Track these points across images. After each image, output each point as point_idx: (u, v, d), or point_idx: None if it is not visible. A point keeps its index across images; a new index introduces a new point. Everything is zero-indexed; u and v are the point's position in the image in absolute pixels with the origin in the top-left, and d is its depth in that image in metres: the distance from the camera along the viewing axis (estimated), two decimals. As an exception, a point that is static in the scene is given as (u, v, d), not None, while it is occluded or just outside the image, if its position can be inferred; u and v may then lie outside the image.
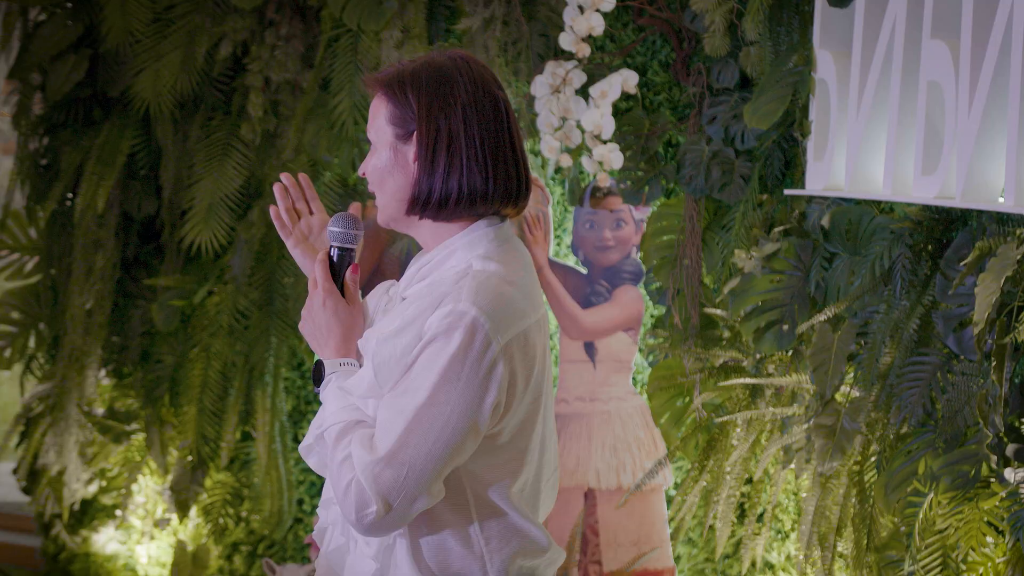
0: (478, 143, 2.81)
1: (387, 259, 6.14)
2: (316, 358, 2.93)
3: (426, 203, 2.82)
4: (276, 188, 3.08)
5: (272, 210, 3.06)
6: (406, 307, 2.80)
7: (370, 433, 2.73)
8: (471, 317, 2.70)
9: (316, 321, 2.88)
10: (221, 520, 6.51)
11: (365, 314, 2.94)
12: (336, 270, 2.95)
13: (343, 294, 2.94)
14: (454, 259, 2.83)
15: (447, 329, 2.69)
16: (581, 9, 5.37)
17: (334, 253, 2.96)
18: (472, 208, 2.83)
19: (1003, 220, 3.91)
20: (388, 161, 2.84)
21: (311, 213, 3.12)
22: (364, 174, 2.90)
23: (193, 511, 6.56)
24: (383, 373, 2.74)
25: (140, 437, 6.64)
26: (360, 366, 2.87)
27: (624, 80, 5.35)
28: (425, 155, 2.81)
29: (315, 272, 2.91)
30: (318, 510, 3.02)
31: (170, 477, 6.54)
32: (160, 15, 6.35)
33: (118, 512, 6.70)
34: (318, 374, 2.87)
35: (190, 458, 6.46)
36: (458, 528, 2.80)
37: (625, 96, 5.46)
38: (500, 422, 2.77)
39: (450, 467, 2.73)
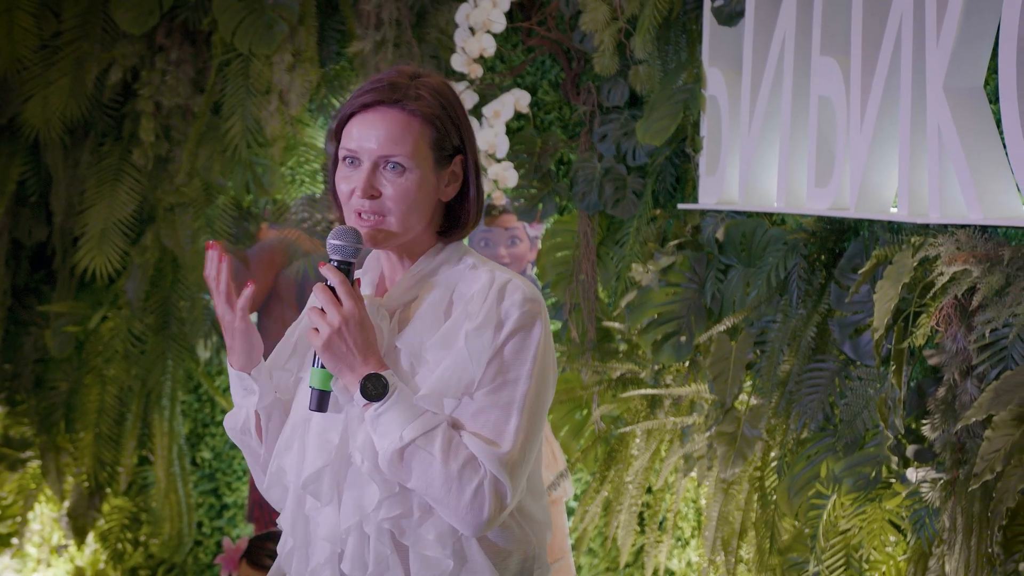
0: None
1: (283, 280, 6.17)
2: (331, 378, 2.83)
3: (476, 221, 2.94)
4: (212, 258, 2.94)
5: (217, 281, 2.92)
6: (438, 306, 2.86)
7: (470, 433, 2.77)
8: (540, 304, 2.83)
9: (354, 340, 2.78)
10: (119, 545, 6.49)
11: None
12: None
13: None
14: (447, 264, 2.92)
15: (531, 317, 2.80)
16: (472, 31, 5.46)
17: (336, 267, 2.83)
18: None
19: (895, 229, 4.04)
20: (428, 183, 2.86)
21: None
22: (375, 195, 2.84)
23: (91, 537, 6.53)
24: (476, 363, 2.79)
25: (35, 464, 6.61)
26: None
27: (516, 100, 5.45)
28: (474, 178, 2.92)
29: (338, 291, 2.80)
30: (322, 540, 2.89)
31: (67, 504, 6.51)
32: (48, 42, 6.33)
33: (14, 540, 6.65)
34: (367, 391, 2.77)
35: (87, 484, 6.44)
36: (512, 511, 2.88)
37: (517, 115, 5.55)
38: None
39: None
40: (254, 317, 6.31)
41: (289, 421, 2.96)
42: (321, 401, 2.84)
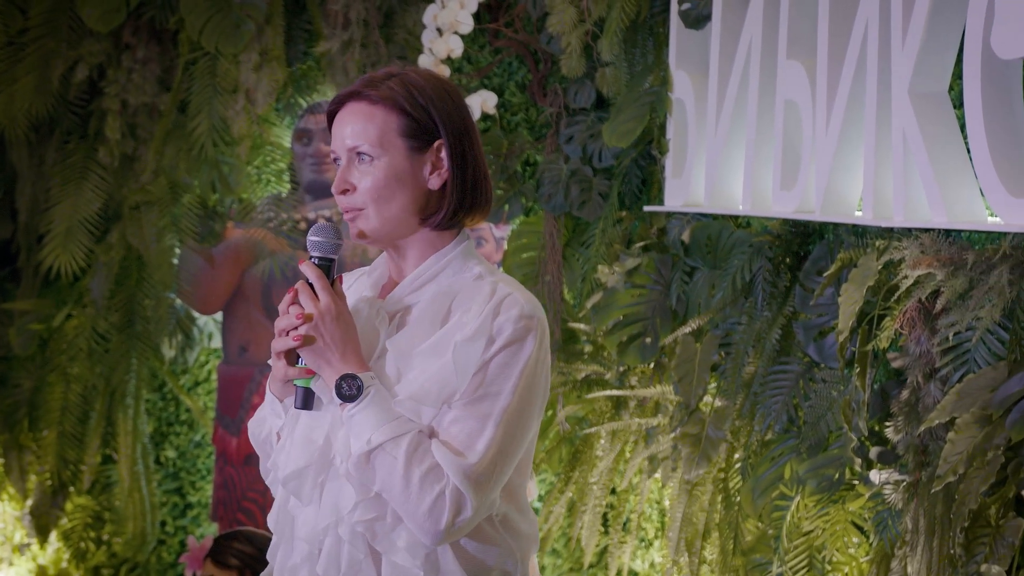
0: (480, 150, 2.89)
1: (248, 279, 6.16)
2: (314, 376, 2.79)
3: (456, 211, 2.83)
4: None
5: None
6: (436, 312, 2.80)
7: (439, 441, 2.72)
8: (537, 320, 2.76)
9: (331, 336, 2.76)
10: (82, 544, 6.47)
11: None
12: None
13: None
14: (451, 268, 2.86)
15: (524, 332, 2.74)
16: (440, 31, 5.47)
17: (316, 264, 2.80)
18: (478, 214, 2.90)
19: (859, 233, 4.06)
20: (402, 173, 2.80)
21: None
22: (349, 190, 2.81)
23: (53, 536, 6.51)
24: (462, 376, 2.74)
25: (-3, 463, 6.60)
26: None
27: (484, 101, 5.46)
28: (456, 163, 2.82)
29: (315, 286, 2.78)
30: (299, 539, 2.86)
31: (29, 502, 6.49)
32: (13, 39, 6.31)
33: (-25, 539, 6.64)
34: (341, 391, 2.73)
35: (50, 482, 6.42)
36: (491, 524, 2.82)
37: (484, 116, 5.56)
38: None
39: None
40: (219, 316, 6.30)
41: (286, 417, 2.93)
42: (306, 399, 2.80)
